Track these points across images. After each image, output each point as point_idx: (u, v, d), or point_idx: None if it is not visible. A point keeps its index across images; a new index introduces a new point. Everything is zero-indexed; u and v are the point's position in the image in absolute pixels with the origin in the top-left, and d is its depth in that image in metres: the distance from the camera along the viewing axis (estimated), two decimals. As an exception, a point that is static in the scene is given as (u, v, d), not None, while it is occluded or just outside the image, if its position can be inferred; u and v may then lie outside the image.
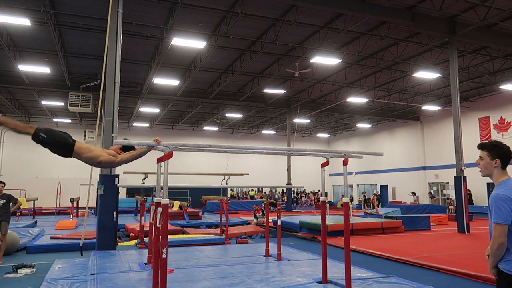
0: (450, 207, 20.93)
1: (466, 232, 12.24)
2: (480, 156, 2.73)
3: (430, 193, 26.13)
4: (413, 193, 25.78)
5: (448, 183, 24.93)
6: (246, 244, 10.00)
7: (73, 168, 27.93)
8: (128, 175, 11.85)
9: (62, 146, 3.75)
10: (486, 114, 22.82)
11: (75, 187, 24.88)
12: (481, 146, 2.75)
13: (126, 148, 4.12)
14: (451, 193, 23.56)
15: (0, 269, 6.92)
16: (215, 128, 31.32)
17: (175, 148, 4.06)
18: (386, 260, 8.10)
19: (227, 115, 26.14)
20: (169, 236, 4.58)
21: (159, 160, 4.24)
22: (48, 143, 3.70)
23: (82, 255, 7.85)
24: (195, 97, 22.02)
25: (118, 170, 9.01)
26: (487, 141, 2.77)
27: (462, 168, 12.92)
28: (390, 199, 29.70)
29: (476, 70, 17.96)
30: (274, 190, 31.69)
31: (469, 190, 24.44)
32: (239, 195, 33.47)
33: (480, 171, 2.75)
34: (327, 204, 11.54)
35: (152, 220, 5.79)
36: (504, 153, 2.64)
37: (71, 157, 3.83)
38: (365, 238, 10.97)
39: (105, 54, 8.54)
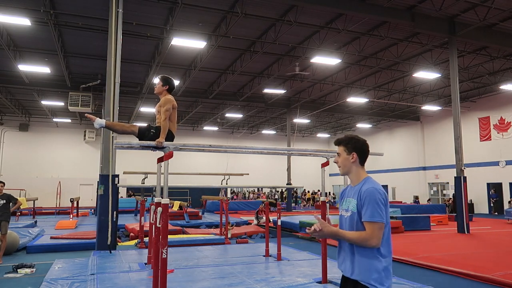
0: (447, 203, 21.03)
1: (466, 232, 12.24)
2: (337, 153, 2.44)
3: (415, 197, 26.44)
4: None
5: (448, 183, 24.92)
6: (246, 244, 9.99)
7: (73, 168, 28.05)
8: (128, 175, 11.84)
9: None
10: (486, 114, 22.83)
11: (75, 187, 24.88)
12: (337, 142, 2.47)
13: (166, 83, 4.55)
14: (451, 193, 23.57)
15: (0, 269, 6.91)
16: (215, 128, 31.32)
17: (175, 148, 4.07)
18: (386, 260, 8.08)
19: (227, 115, 26.14)
20: (169, 236, 4.57)
21: (159, 160, 4.25)
22: None
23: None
24: (195, 97, 22.02)
25: (118, 170, 9.03)
26: (343, 136, 2.48)
27: (462, 168, 12.92)
28: (390, 199, 29.70)
29: (476, 70, 17.95)
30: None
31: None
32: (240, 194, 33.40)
33: (339, 169, 2.45)
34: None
35: (152, 220, 5.79)
36: (361, 146, 2.40)
37: None
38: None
39: (113, 54, 8.55)
